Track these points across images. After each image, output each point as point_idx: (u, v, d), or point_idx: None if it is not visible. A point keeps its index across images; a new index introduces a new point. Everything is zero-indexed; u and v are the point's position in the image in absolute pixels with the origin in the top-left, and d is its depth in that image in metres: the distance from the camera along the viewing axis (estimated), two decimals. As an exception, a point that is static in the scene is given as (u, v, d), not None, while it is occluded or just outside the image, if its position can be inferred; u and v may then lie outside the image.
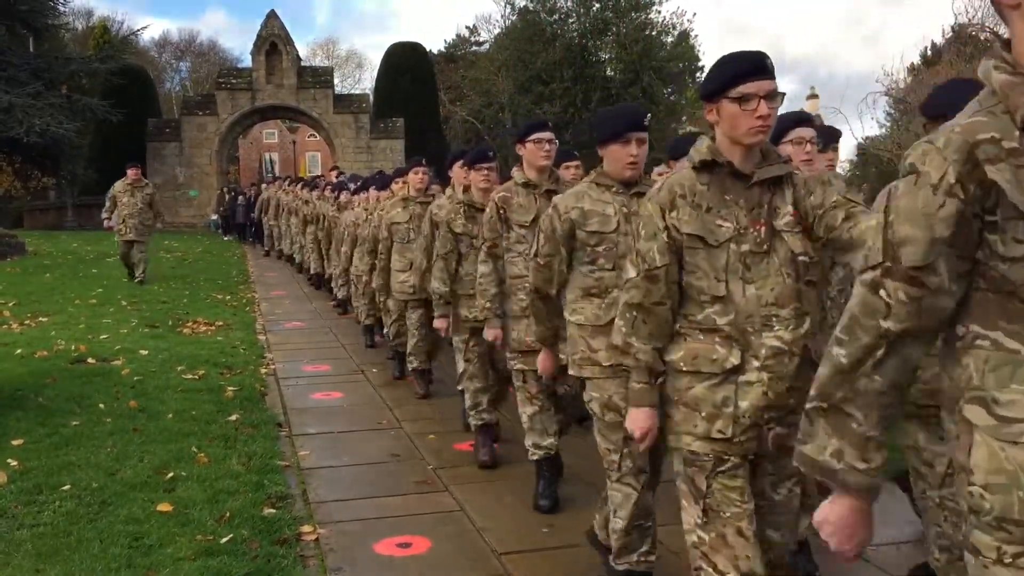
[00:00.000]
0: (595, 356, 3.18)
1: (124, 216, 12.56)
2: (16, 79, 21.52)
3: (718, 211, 2.37)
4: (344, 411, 6.31)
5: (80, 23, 43.33)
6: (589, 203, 3.23)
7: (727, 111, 2.35)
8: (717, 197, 2.39)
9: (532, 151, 4.06)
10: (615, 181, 3.23)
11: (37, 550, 3.61)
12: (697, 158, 2.42)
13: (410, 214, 6.45)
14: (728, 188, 2.39)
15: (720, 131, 2.40)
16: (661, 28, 31.14)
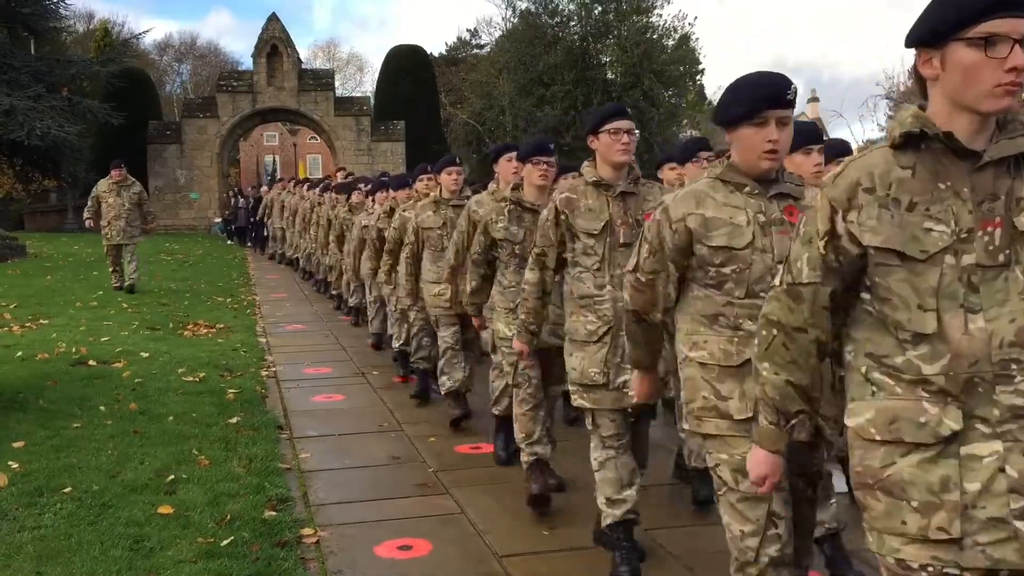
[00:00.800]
0: (724, 406, 2.46)
1: (110, 219, 11.80)
2: (17, 82, 21.55)
3: (926, 208, 1.68)
4: (345, 413, 6.31)
5: (81, 26, 43.40)
6: (713, 208, 2.46)
7: (962, 58, 1.65)
8: (926, 187, 1.69)
9: (607, 144, 3.35)
10: (748, 178, 2.46)
11: (38, 552, 3.61)
12: (898, 131, 1.73)
13: (443, 219, 5.73)
14: (944, 172, 1.68)
15: (940, 90, 1.70)
16: (662, 31, 31.15)
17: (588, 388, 3.40)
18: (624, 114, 3.38)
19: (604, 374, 3.35)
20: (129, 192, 11.90)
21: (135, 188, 12.06)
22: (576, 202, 3.42)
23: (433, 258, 5.78)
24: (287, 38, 27.52)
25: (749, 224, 2.43)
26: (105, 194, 11.89)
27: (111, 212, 11.77)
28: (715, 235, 2.44)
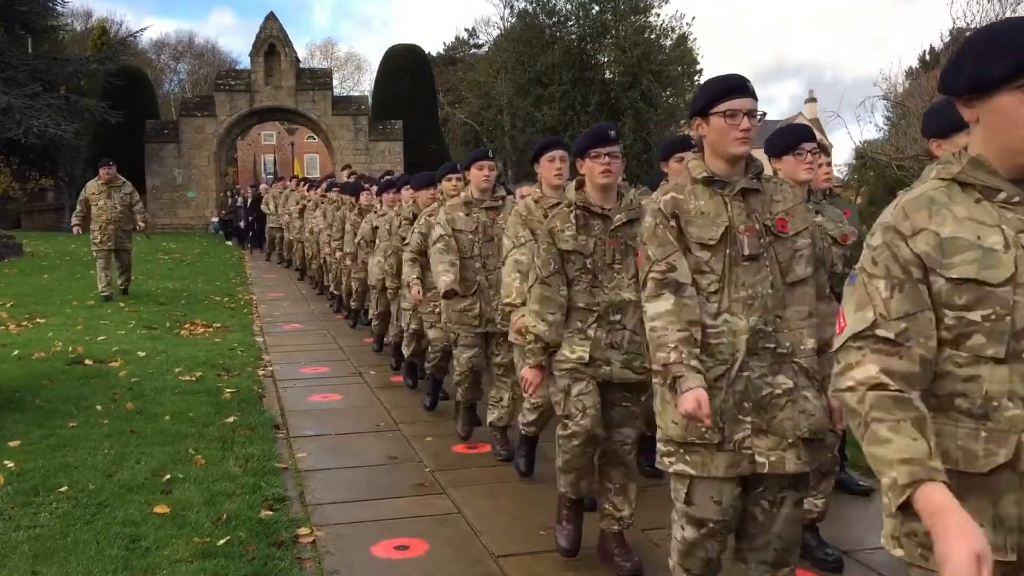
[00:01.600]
0: None
1: (101, 223, 10.82)
2: (15, 80, 21.52)
3: None
4: (342, 413, 6.30)
5: (79, 24, 43.36)
6: (952, 225, 1.65)
7: None
8: None
9: (721, 129, 2.58)
10: (1005, 181, 1.65)
11: (34, 552, 3.61)
12: None
13: (476, 222, 5.02)
14: None
15: None
16: (660, 31, 31.17)
17: (691, 448, 2.57)
18: (745, 90, 2.59)
19: (719, 430, 2.53)
20: (120, 193, 11.05)
21: (126, 188, 11.20)
22: (684, 204, 2.63)
23: (460, 267, 4.99)
24: (285, 37, 27.50)
25: (1008, 249, 1.61)
26: (95, 196, 10.97)
27: (102, 215, 10.86)
28: (957, 263, 1.63)
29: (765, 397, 2.53)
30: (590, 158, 3.44)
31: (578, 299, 3.46)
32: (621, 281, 3.45)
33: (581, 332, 3.48)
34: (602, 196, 3.48)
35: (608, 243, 3.43)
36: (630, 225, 3.45)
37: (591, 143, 3.45)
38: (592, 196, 3.48)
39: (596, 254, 3.45)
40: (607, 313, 3.45)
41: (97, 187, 11.03)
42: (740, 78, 2.62)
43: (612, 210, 3.46)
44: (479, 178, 5.08)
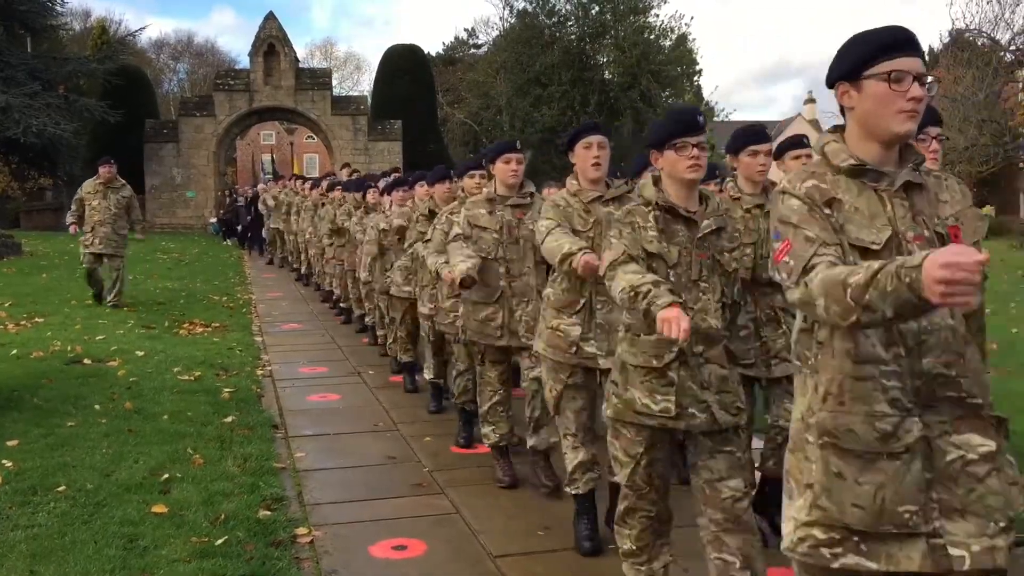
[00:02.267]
0: None
1: (94, 223, 10.22)
2: (14, 79, 21.48)
3: None
4: (340, 413, 6.30)
5: (78, 24, 43.34)
6: None
7: None
8: None
9: (882, 98, 1.92)
10: None
11: (31, 551, 3.61)
12: None
13: (500, 222, 4.45)
14: None
15: None
16: (659, 32, 31.18)
17: (881, 538, 1.87)
18: (913, 46, 1.96)
19: (918, 514, 1.85)
20: (118, 195, 10.40)
21: (124, 191, 10.55)
22: (831, 194, 1.96)
23: (483, 270, 4.39)
24: (284, 37, 27.48)
25: None
26: (90, 195, 10.34)
27: (95, 216, 10.21)
28: None
29: (955, 464, 1.86)
30: (674, 149, 2.79)
31: None
32: (708, 304, 2.79)
33: (660, 374, 2.76)
34: (686, 196, 2.85)
35: (695, 255, 2.81)
36: (718, 234, 2.88)
37: (676, 130, 2.80)
38: (673, 195, 2.84)
39: (680, 266, 2.79)
40: (690, 344, 2.73)
41: (94, 186, 10.43)
42: (907, 31, 1.97)
43: (698, 214, 2.86)
44: (506, 172, 4.48)
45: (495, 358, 4.58)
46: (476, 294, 4.44)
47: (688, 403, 2.75)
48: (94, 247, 10.21)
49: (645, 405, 2.77)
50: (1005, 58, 23.24)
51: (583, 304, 3.72)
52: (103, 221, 10.21)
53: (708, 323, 2.78)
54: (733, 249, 2.94)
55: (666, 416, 2.75)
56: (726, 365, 2.83)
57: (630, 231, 2.80)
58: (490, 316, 4.44)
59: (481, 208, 4.53)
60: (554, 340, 3.76)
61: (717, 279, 2.84)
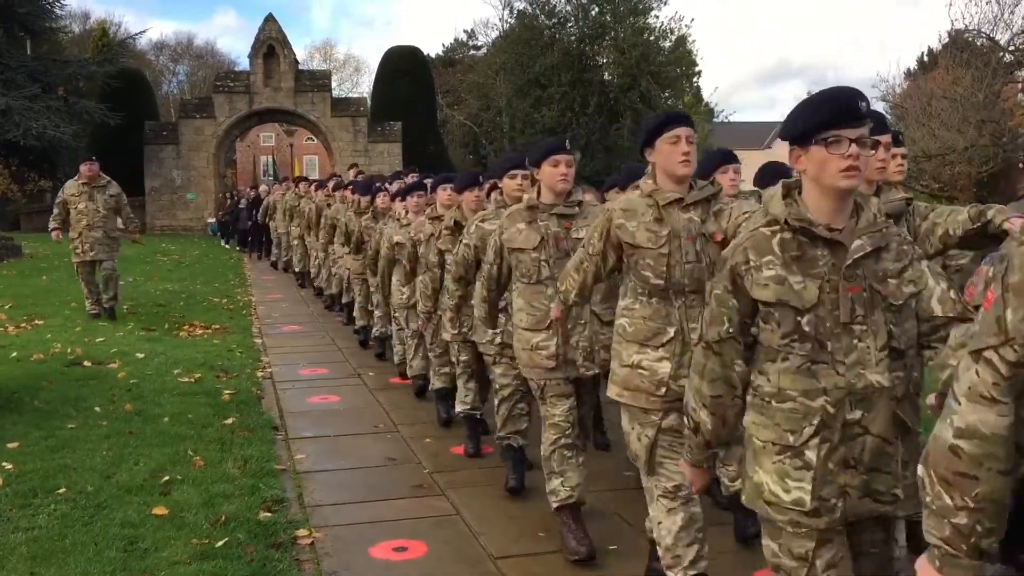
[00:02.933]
0: None
1: (81, 228, 9.34)
2: (13, 81, 21.49)
3: None
4: (341, 415, 6.30)
5: (78, 26, 43.36)
6: None
7: None
8: None
9: None
10: None
11: (32, 553, 3.61)
12: None
13: (541, 234, 3.81)
14: None
15: None
16: (659, 33, 31.20)
17: None
18: None
19: None
20: (104, 195, 9.45)
21: (111, 189, 9.55)
22: None
23: (529, 293, 3.85)
24: (284, 38, 27.48)
25: None
26: (74, 198, 9.43)
27: (82, 220, 9.36)
28: None
29: None
30: (824, 145, 2.09)
31: (787, 384, 2.14)
32: (866, 353, 2.11)
33: (794, 452, 2.15)
34: (832, 211, 2.14)
35: (844, 288, 2.11)
36: (877, 257, 2.15)
37: (827, 120, 2.09)
38: (814, 210, 2.14)
39: (822, 307, 2.12)
40: (840, 410, 2.11)
41: (77, 187, 9.48)
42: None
43: (845, 233, 2.14)
44: (554, 177, 3.81)
45: (559, 391, 3.75)
46: (524, 319, 3.85)
47: (828, 494, 2.12)
48: (85, 255, 9.40)
49: (774, 494, 2.16)
50: (1004, 59, 23.24)
51: (674, 334, 3.04)
52: (92, 225, 9.36)
53: (868, 379, 2.10)
54: (902, 271, 2.15)
55: (799, 510, 2.13)
56: (893, 438, 2.14)
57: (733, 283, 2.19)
58: (540, 344, 3.77)
59: (519, 222, 3.86)
60: (634, 381, 3.02)
61: (880, 317, 2.12)
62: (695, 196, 3.08)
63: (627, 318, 3.11)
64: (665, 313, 3.05)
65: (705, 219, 3.06)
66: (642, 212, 3.08)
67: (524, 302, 3.87)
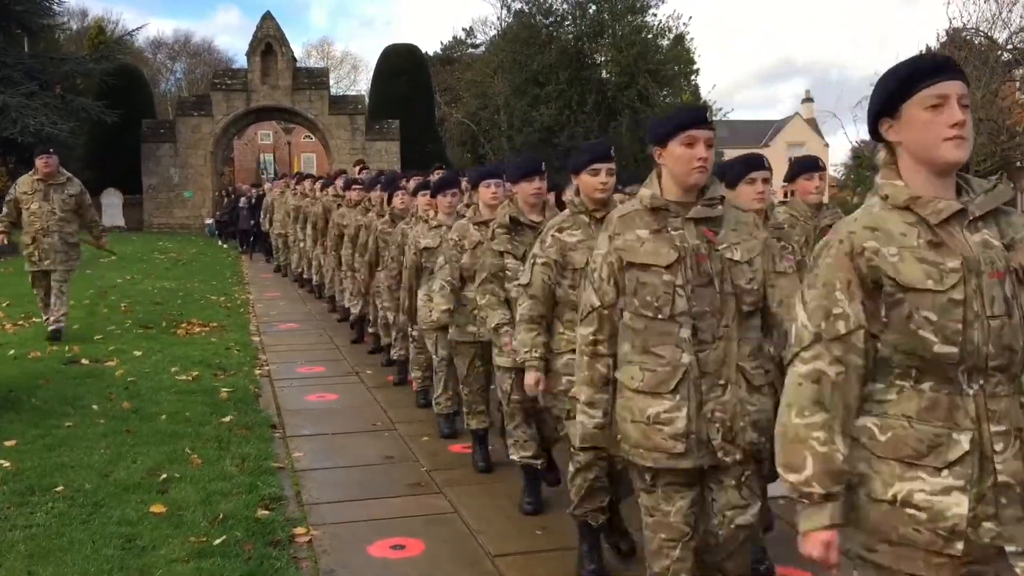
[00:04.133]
0: None
1: (35, 232, 7.94)
2: (10, 79, 21.47)
3: None
4: (338, 413, 6.30)
5: (75, 23, 43.29)
6: None
7: None
8: None
9: None
10: None
11: (29, 551, 3.61)
12: None
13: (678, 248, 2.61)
14: None
15: None
16: (657, 31, 31.17)
17: None
18: None
19: None
20: (62, 194, 8.07)
21: (71, 188, 8.19)
22: None
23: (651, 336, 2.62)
24: (282, 36, 27.45)
25: None
26: (27, 197, 8.02)
27: (36, 223, 7.94)
28: None
29: None
30: None
31: None
32: None
33: None
34: None
35: None
36: None
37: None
38: None
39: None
40: None
41: (31, 184, 8.07)
42: None
43: None
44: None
45: (678, 481, 2.64)
46: (635, 376, 2.61)
47: None
48: (39, 263, 8.05)
49: None
50: (1002, 57, 23.26)
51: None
52: (47, 229, 7.96)
53: None
54: None
55: None
56: None
57: None
58: (663, 416, 2.57)
59: (637, 228, 2.62)
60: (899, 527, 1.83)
61: None
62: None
63: (878, 418, 1.87)
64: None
65: None
66: (906, 234, 1.85)
67: (639, 349, 2.60)
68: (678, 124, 2.60)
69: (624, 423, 2.65)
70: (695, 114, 2.64)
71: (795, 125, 53.91)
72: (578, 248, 3.36)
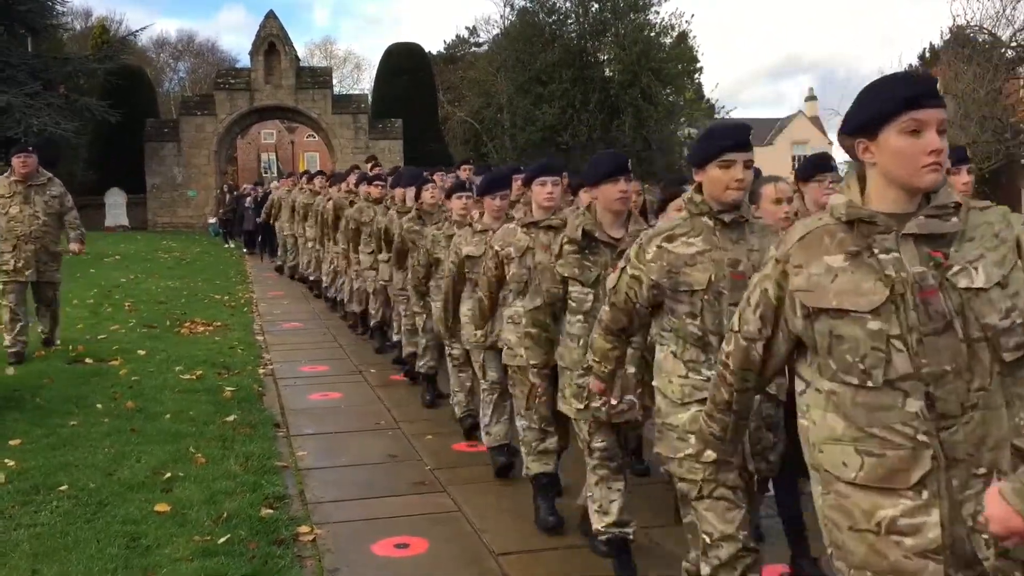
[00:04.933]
0: None
1: (14, 240, 7.13)
2: (14, 79, 21.51)
3: None
4: (342, 411, 6.30)
5: (79, 23, 43.34)
6: None
7: None
8: None
9: None
10: None
11: (34, 550, 3.61)
12: None
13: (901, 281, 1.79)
14: None
15: None
16: (660, 29, 31.15)
17: None
18: None
19: None
20: (44, 196, 7.27)
21: (53, 189, 7.36)
22: None
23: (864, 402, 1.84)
24: (284, 36, 27.47)
25: None
26: (3, 200, 7.19)
27: (16, 229, 7.13)
28: None
29: None
30: None
31: None
32: None
33: None
34: None
35: None
36: None
37: None
38: None
39: None
40: None
41: (8, 186, 7.23)
42: None
43: None
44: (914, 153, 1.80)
45: None
46: (850, 464, 1.84)
47: None
48: (19, 273, 7.17)
49: None
50: (1006, 54, 23.21)
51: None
52: (28, 235, 7.15)
53: None
54: None
55: None
56: None
57: None
58: (903, 523, 1.80)
59: (827, 253, 1.89)
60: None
61: None
62: None
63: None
64: None
65: None
66: None
67: (851, 426, 1.84)
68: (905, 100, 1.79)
69: (836, 531, 1.87)
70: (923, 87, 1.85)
71: (799, 123, 53.83)
72: (697, 263, 2.62)
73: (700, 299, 2.61)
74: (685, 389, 2.64)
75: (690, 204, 2.72)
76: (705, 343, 2.61)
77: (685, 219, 2.71)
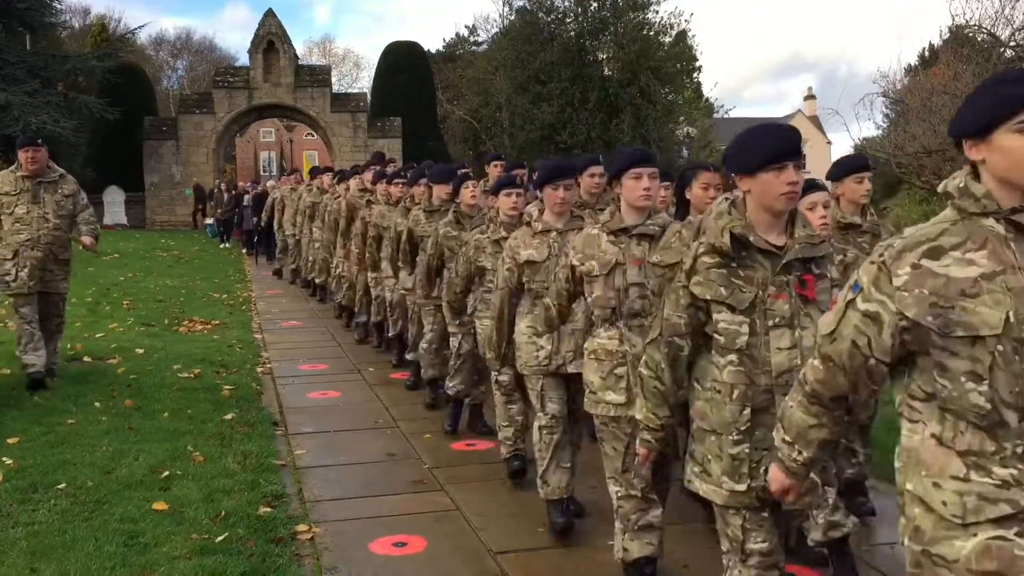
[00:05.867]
0: None
1: (19, 245, 6.16)
2: (13, 77, 21.49)
3: None
4: (340, 410, 6.30)
5: (77, 21, 43.32)
6: None
7: None
8: None
9: None
10: None
11: (32, 548, 3.61)
12: None
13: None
14: None
15: None
16: (659, 28, 31.16)
17: None
18: None
19: None
20: (55, 195, 6.34)
21: (65, 186, 6.43)
22: None
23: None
24: (284, 34, 27.46)
25: None
26: (9, 198, 6.23)
27: (22, 232, 6.19)
28: None
29: None
30: None
31: None
32: None
33: None
34: None
35: None
36: None
37: None
38: None
39: None
40: None
41: (13, 182, 6.27)
42: None
43: None
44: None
45: None
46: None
47: None
48: (24, 285, 6.20)
49: None
50: (1005, 54, 23.22)
51: None
52: (35, 240, 6.22)
53: None
54: None
55: None
56: None
57: None
58: None
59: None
60: None
61: None
62: None
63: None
64: None
65: None
66: None
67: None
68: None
69: None
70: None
71: (798, 122, 53.87)
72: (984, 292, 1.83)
73: (991, 350, 1.66)
74: (967, 502, 1.68)
75: (964, 199, 1.76)
76: (996, 422, 1.66)
77: (953, 222, 1.76)
